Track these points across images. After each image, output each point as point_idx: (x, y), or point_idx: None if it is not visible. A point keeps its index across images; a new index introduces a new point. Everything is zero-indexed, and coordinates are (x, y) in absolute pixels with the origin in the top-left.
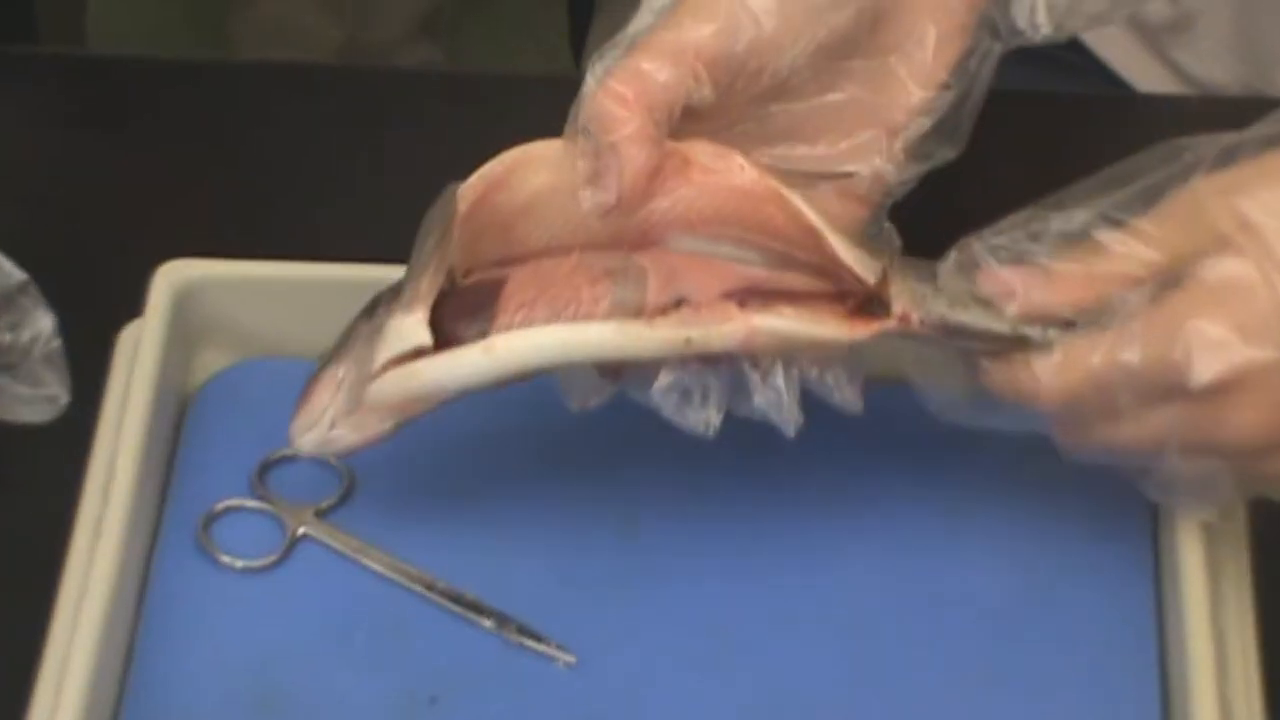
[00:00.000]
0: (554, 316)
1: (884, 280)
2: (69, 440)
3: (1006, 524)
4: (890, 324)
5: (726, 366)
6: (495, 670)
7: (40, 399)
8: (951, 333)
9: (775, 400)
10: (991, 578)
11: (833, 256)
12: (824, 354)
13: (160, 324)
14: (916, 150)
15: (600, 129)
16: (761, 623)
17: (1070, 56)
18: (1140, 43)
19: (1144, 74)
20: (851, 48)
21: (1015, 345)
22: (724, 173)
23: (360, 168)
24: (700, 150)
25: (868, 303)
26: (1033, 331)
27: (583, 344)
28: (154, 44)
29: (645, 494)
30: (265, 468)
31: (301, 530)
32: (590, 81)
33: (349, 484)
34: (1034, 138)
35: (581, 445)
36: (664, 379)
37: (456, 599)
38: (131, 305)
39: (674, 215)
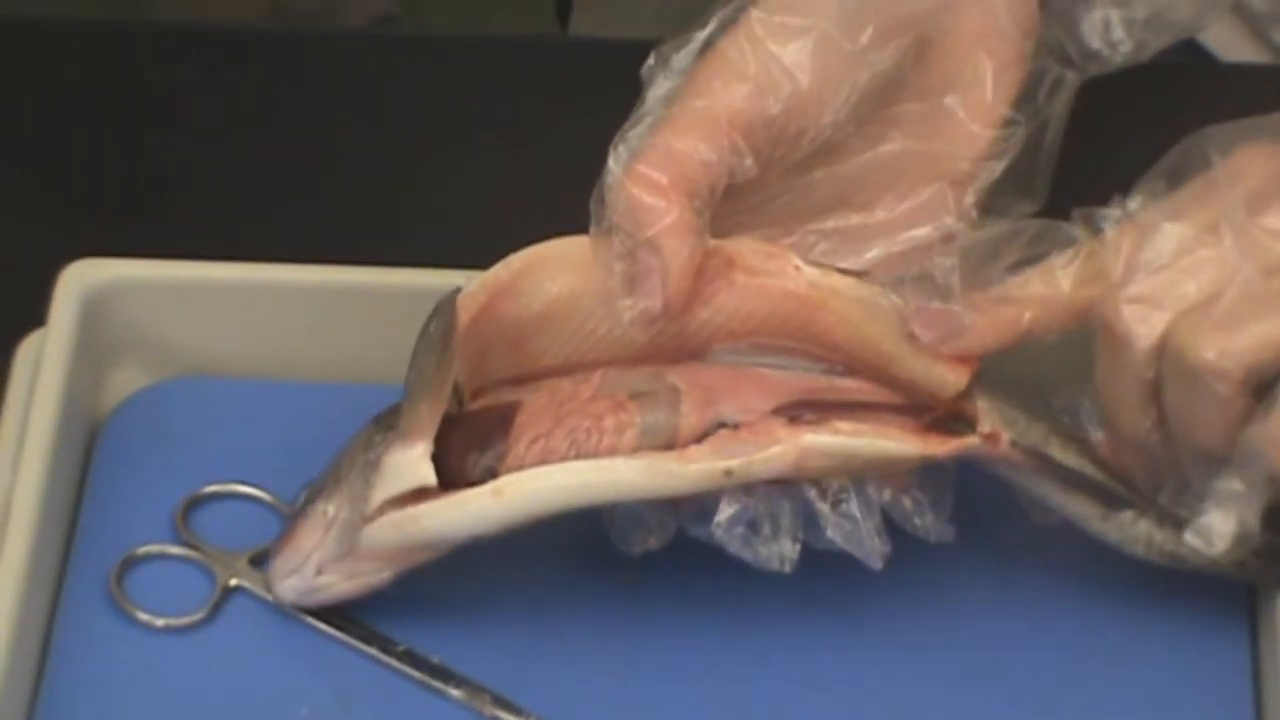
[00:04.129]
0: (573, 450)
1: (968, 394)
2: None
3: (1069, 588)
4: (973, 441)
5: (793, 490)
6: None
7: None
8: (1044, 465)
9: (852, 532)
10: (1040, 651)
11: (904, 379)
12: (897, 474)
13: (67, 335)
14: (990, 204)
15: (634, 224)
16: (772, 695)
17: None
18: (1239, 26)
19: (1239, 53)
20: (897, 91)
21: (1111, 503)
22: (775, 275)
23: (302, 148)
24: (746, 249)
25: (946, 419)
26: (1118, 488)
27: (606, 484)
28: (53, 3)
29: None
30: (190, 506)
31: (233, 581)
32: (614, 168)
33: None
34: (1125, 108)
35: None
36: (725, 510)
37: (418, 664)
38: (32, 312)
39: (714, 326)
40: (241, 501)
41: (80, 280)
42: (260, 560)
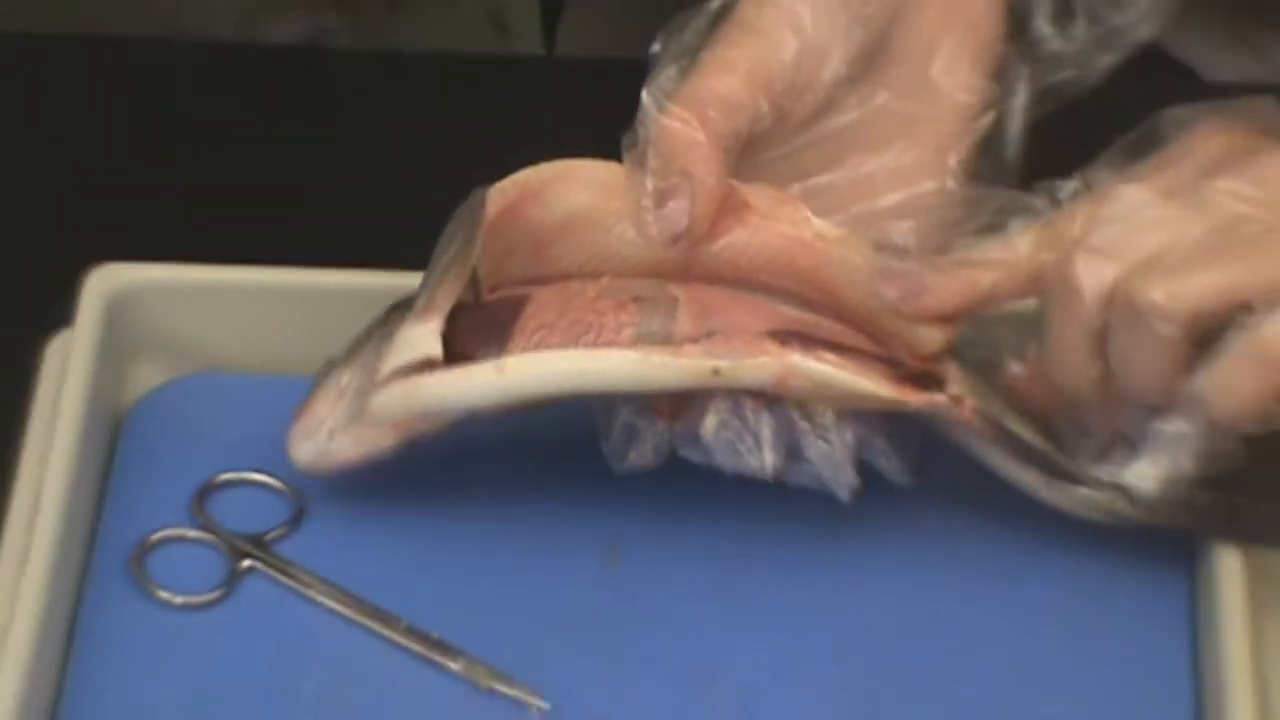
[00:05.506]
0: (573, 342)
1: (941, 359)
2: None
3: (1023, 560)
4: (941, 400)
5: (777, 408)
6: (463, 715)
7: None
8: (1000, 435)
9: (828, 454)
10: (1005, 620)
11: (887, 333)
12: (870, 417)
13: (92, 335)
14: (973, 170)
15: (670, 152)
16: (751, 667)
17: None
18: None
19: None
20: (885, 54)
21: (1055, 472)
22: (785, 221)
23: (315, 161)
24: (762, 194)
25: (920, 375)
26: (1063, 461)
27: (600, 370)
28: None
29: (627, 523)
30: (205, 493)
31: (246, 562)
32: (649, 104)
33: (299, 510)
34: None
35: (558, 468)
36: (711, 419)
37: (420, 639)
38: (59, 312)
39: (723, 260)
40: (253, 488)
41: (103, 283)
42: (271, 543)
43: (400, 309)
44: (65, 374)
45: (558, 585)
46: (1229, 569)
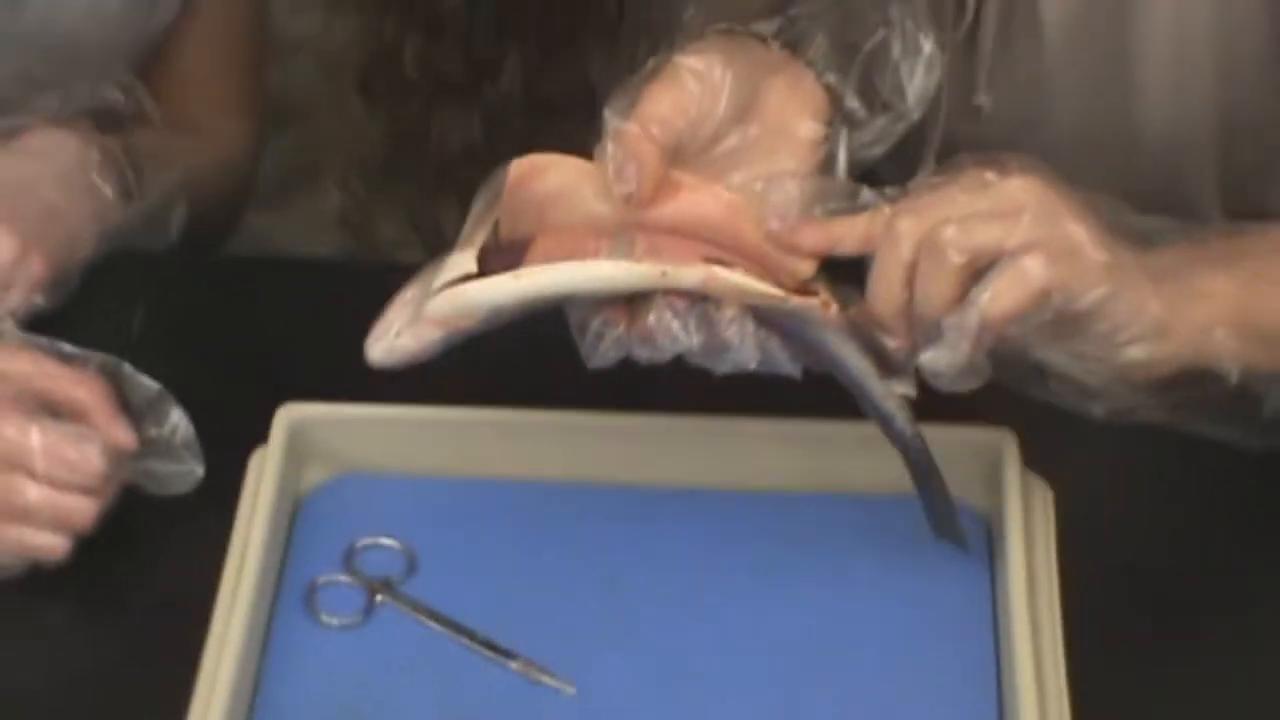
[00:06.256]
0: (566, 258)
1: (815, 281)
2: (215, 530)
3: (882, 583)
4: (814, 301)
5: (702, 308)
6: (519, 699)
7: (182, 474)
8: (854, 329)
9: (738, 334)
10: (870, 625)
11: (778, 264)
12: (774, 322)
13: (279, 450)
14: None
15: (625, 145)
16: (712, 655)
17: None
18: None
19: None
20: (753, 104)
21: (883, 361)
22: (706, 192)
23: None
24: (687, 177)
25: (802, 291)
26: (891, 354)
27: (586, 271)
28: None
29: (626, 562)
30: (352, 552)
31: (379, 598)
32: (610, 118)
33: (413, 563)
34: None
35: (573, 530)
36: (653, 315)
37: (491, 646)
38: (261, 432)
39: (665, 220)
40: (383, 549)
41: (287, 416)
42: (395, 585)
43: (448, 254)
44: (262, 475)
45: (577, 606)
46: (1015, 551)
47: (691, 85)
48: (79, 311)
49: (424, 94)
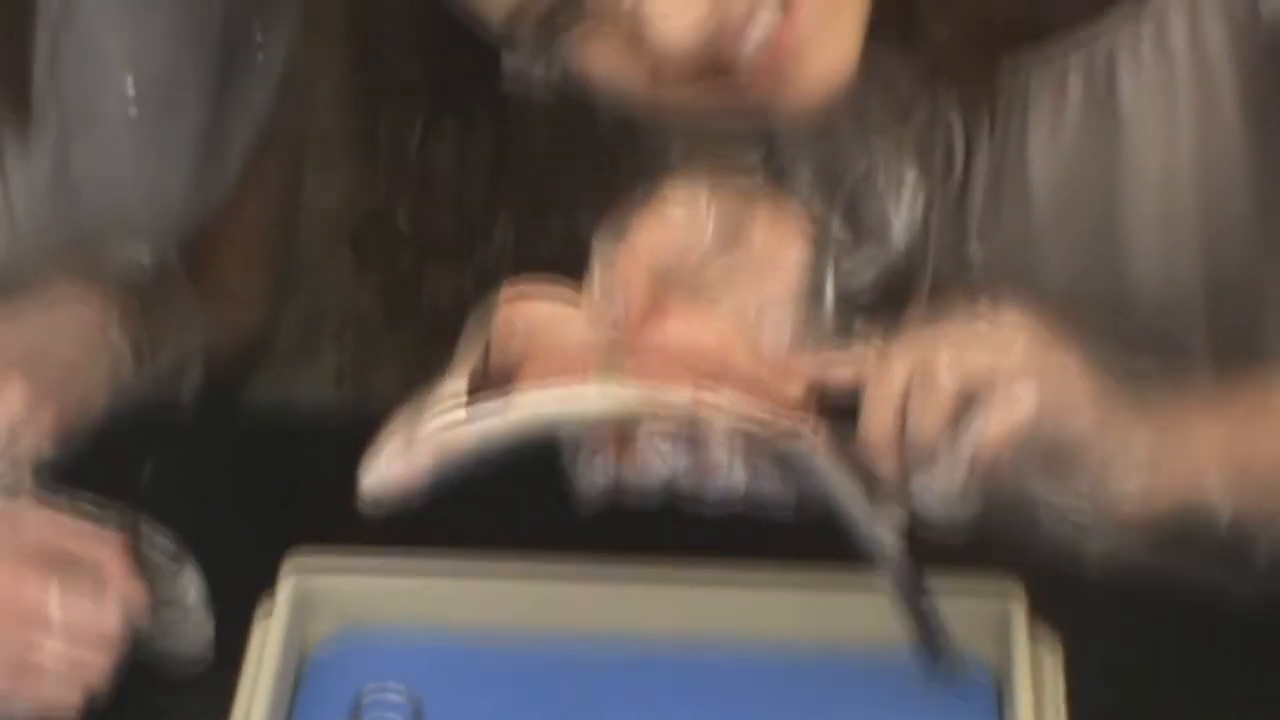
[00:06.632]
0: (555, 384)
1: (804, 408)
2: (225, 675)
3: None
4: (804, 428)
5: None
6: None
7: (192, 634)
8: (842, 456)
9: (727, 455)
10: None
11: (767, 390)
12: (767, 455)
13: (287, 599)
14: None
15: (612, 270)
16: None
17: None
18: None
19: None
20: (736, 235)
21: (873, 489)
22: (694, 319)
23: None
24: (675, 305)
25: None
26: (880, 482)
27: (573, 400)
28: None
29: (601, 690)
30: (360, 700)
31: None
32: (599, 245)
33: (418, 711)
34: None
35: (578, 685)
36: (641, 441)
37: None
38: (268, 582)
39: (653, 346)
40: (388, 701)
41: (294, 565)
42: None
43: (437, 387)
44: (271, 624)
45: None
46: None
47: (678, 214)
48: (90, 462)
49: (415, 252)
